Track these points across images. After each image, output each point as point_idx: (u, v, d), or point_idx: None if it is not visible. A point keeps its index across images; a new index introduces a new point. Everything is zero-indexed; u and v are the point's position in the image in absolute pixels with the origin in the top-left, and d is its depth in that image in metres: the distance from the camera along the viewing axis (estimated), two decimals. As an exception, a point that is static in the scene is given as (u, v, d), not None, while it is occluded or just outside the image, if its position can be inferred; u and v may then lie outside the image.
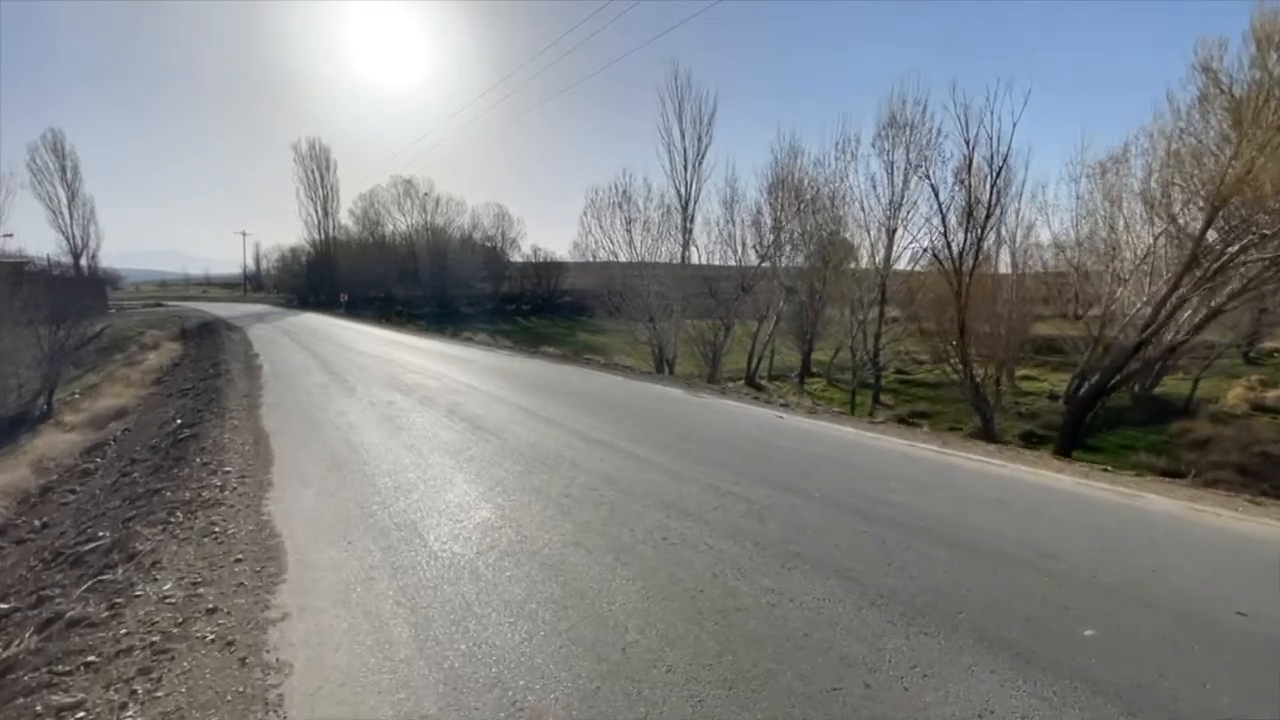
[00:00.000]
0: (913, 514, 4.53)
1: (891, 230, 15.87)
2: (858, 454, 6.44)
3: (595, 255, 24.41)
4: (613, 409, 8.72)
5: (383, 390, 10.12)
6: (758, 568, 3.63)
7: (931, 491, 5.13)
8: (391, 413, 8.29)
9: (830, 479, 5.42)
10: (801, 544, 3.97)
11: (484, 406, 8.66)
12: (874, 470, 5.77)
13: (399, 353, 16.35)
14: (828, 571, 3.59)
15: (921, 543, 3.98)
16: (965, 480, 5.55)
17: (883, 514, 4.53)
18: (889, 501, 4.80)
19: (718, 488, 5.09)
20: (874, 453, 6.49)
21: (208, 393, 11.27)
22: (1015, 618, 3.08)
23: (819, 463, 6.05)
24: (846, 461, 6.13)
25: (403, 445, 6.58)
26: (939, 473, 5.76)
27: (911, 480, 5.44)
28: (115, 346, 29.22)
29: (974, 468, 5.97)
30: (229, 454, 6.54)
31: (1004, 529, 4.27)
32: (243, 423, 8.13)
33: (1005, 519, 4.52)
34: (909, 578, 3.51)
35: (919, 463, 6.11)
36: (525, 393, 9.90)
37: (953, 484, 5.40)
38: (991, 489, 5.28)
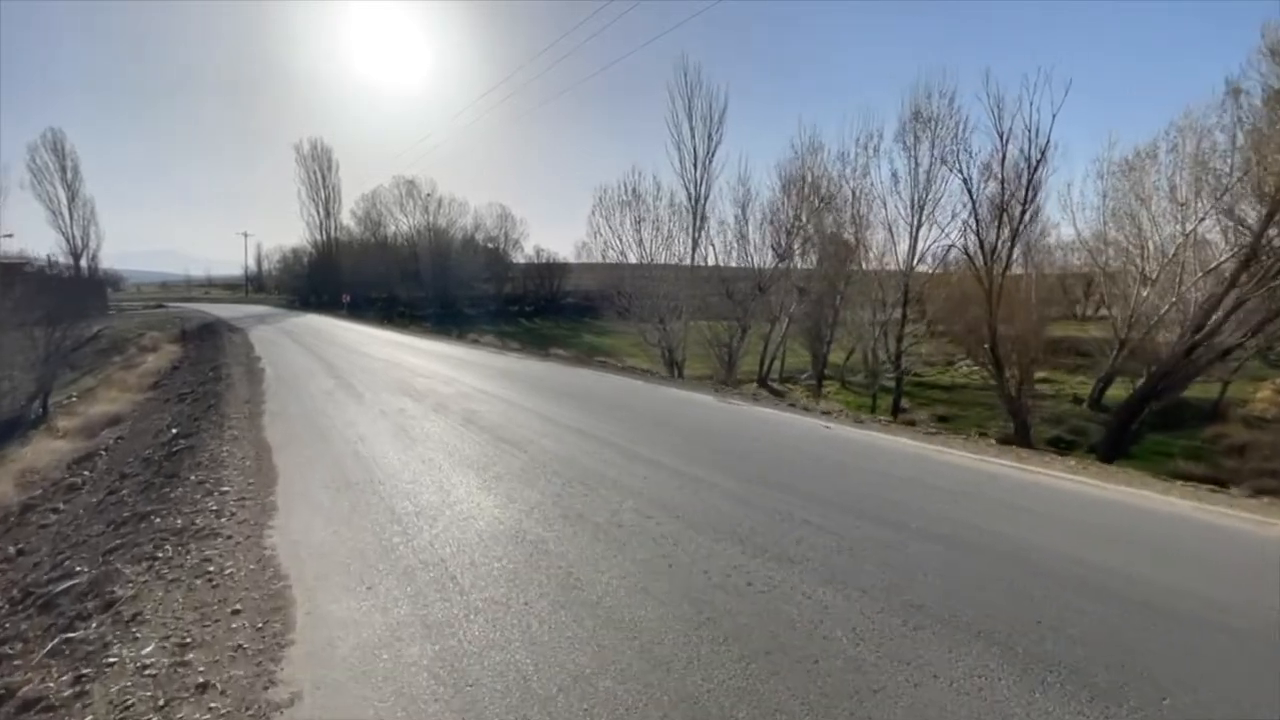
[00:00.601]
0: (1034, 551, 3.84)
1: (915, 228, 15.22)
2: (930, 472, 5.75)
3: (604, 255, 23.73)
4: (643, 417, 8.03)
5: (393, 396, 9.41)
6: (877, 627, 2.93)
7: (1042, 521, 4.43)
8: (404, 422, 7.59)
9: (915, 504, 4.72)
10: (916, 592, 3.28)
11: (503, 415, 7.96)
12: (958, 492, 5.07)
13: (406, 355, 15.64)
14: (964, 633, 2.89)
15: (1065, 592, 3.29)
16: (1070, 506, 4.85)
17: (997, 550, 3.84)
18: (997, 533, 4.10)
19: (790, 515, 4.39)
20: (948, 470, 5.79)
21: (207, 398, 10.56)
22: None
23: (892, 483, 5.35)
24: (921, 481, 5.43)
25: (420, 460, 5.88)
26: (1033, 495, 5.07)
27: (1005, 504, 4.75)
28: (114, 348, 28.47)
29: (1067, 488, 5.27)
30: (228, 470, 5.83)
31: (1153, 574, 3.57)
32: (243, 433, 7.42)
33: (1144, 559, 3.83)
34: (1074, 642, 2.81)
35: (1000, 481, 5.41)
36: (545, 398, 9.20)
37: (1057, 510, 4.71)
38: (1106, 517, 4.58)
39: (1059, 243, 19.56)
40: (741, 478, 5.33)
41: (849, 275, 15.70)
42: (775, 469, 5.66)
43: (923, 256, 15.51)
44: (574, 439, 6.63)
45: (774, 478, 5.34)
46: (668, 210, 22.67)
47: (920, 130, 14.92)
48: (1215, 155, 15.28)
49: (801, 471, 5.63)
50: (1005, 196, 12.52)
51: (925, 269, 16.19)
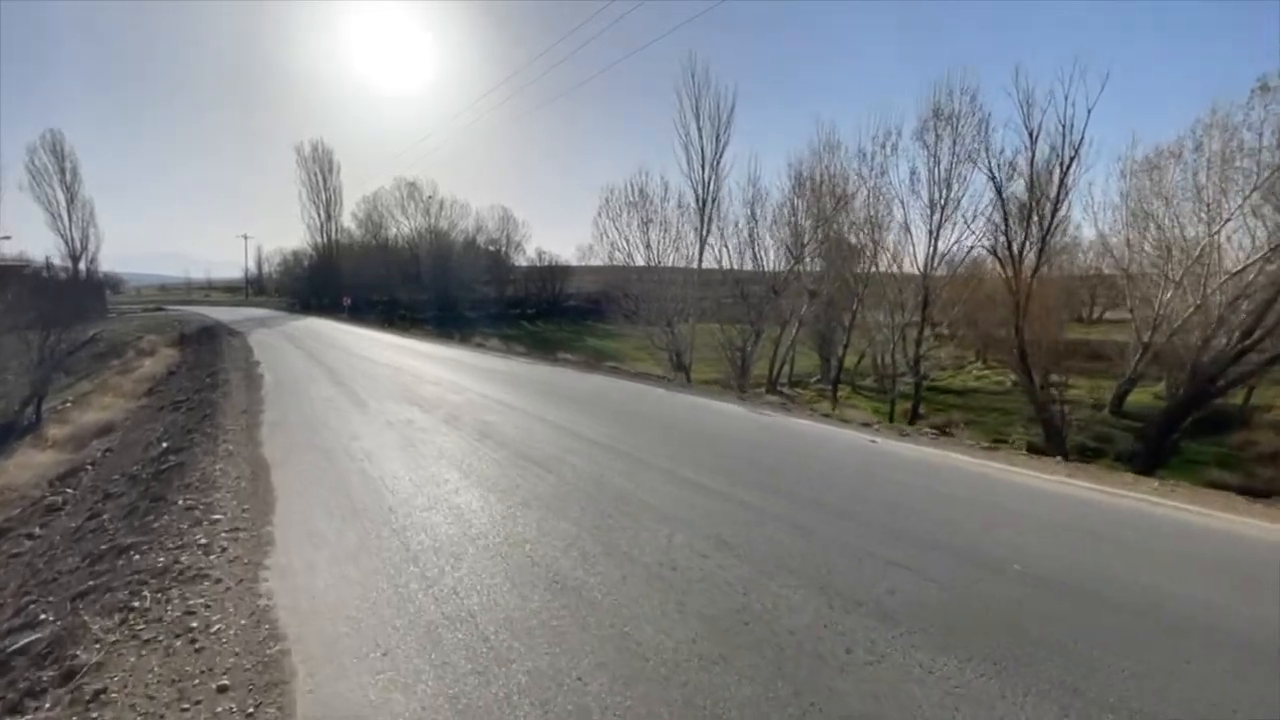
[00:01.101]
0: (1178, 603, 3.22)
1: (936, 229, 14.65)
2: (1000, 494, 5.14)
3: (611, 258, 23.08)
4: (672, 430, 7.41)
5: (398, 405, 8.78)
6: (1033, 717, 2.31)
7: (1178, 564, 3.82)
8: (413, 435, 6.96)
9: (1007, 537, 4.11)
10: (1060, 665, 2.66)
11: (521, 427, 7.33)
12: (1052, 523, 4.46)
13: (410, 360, 15.00)
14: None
15: (1242, 658, 2.67)
16: (1195, 542, 4.24)
17: (1130, 604, 3.23)
18: (1137, 584, 3.48)
19: (868, 552, 3.78)
20: (1024, 494, 5.18)
21: (202, 407, 9.92)
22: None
23: (967, 509, 4.74)
24: (996, 505, 4.82)
25: (434, 482, 5.25)
26: (1141, 527, 4.46)
27: (1116, 540, 4.14)
28: (112, 352, 27.81)
29: (1173, 517, 4.66)
30: (220, 493, 5.20)
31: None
32: (239, 448, 6.78)
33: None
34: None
35: (1095, 510, 4.80)
36: (562, 408, 8.57)
37: (1183, 548, 4.10)
38: (1231, 556, 3.98)
39: (1070, 243, 18.84)
40: (797, 502, 4.72)
41: (867, 277, 15.11)
42: (831, 491, 5.04)
43: (942, 259, 14.95)
44: (602, 456, 6.00)
45: (833, 502, 4.72)
46: (676, 211, 22.05)
47: (940, 128, 14.38)
48: (1242, 154, 14.79)
49: (861, 495, 5.01)
50: (1035, 196, 11.94)
51: (937, 271, 15.58)
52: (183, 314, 42.39)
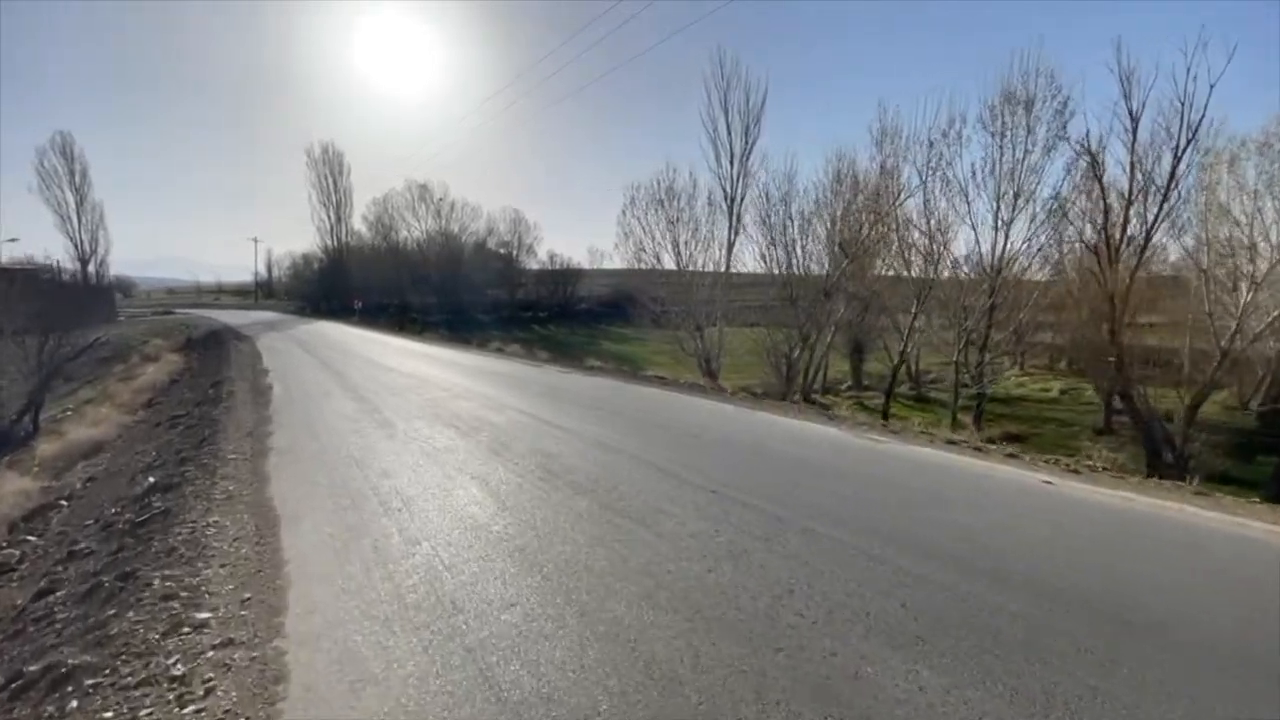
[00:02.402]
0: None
1: (1006, 225, 13.14)
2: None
3: (638, 258, 21.59)
4: (782, 466, 5.91)
5: (432, 427, 7.30)
6: None
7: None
8: (458, 471, 5.48)
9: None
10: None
11: (591, 459, 5.84)
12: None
13: (432, 368, 13.54)
14: None
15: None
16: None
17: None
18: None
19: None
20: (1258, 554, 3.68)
21: (202, 425, 8.47)
22: None
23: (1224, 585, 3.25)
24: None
25: (508, 553, 3.76)
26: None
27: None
28: (118, 356, 26.45)
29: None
30: (211, 567, 3.72)
31: None
32: (240, 487, 5.32)
33: None
34: None
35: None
36: (628, 432, 7.08)
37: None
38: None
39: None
40: (1030, 592, 3.23)
41: (931, 280, 13.64)
42: (1054, 573, 3.53)
43: (1012, 258, 13.43)
44: (719, 508, 4.50)
45: (1066, 589, 3.23)
46: (705, 209, 20.59)
47: (1010, 113, 12.90)
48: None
49: (1105, 581, 3.49)
50: (1139, 184, 10.43)
51: (1004, 271, 14.03)
52: (191, 318, 41.09)
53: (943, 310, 14.59)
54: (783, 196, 17.03)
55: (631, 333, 48.41)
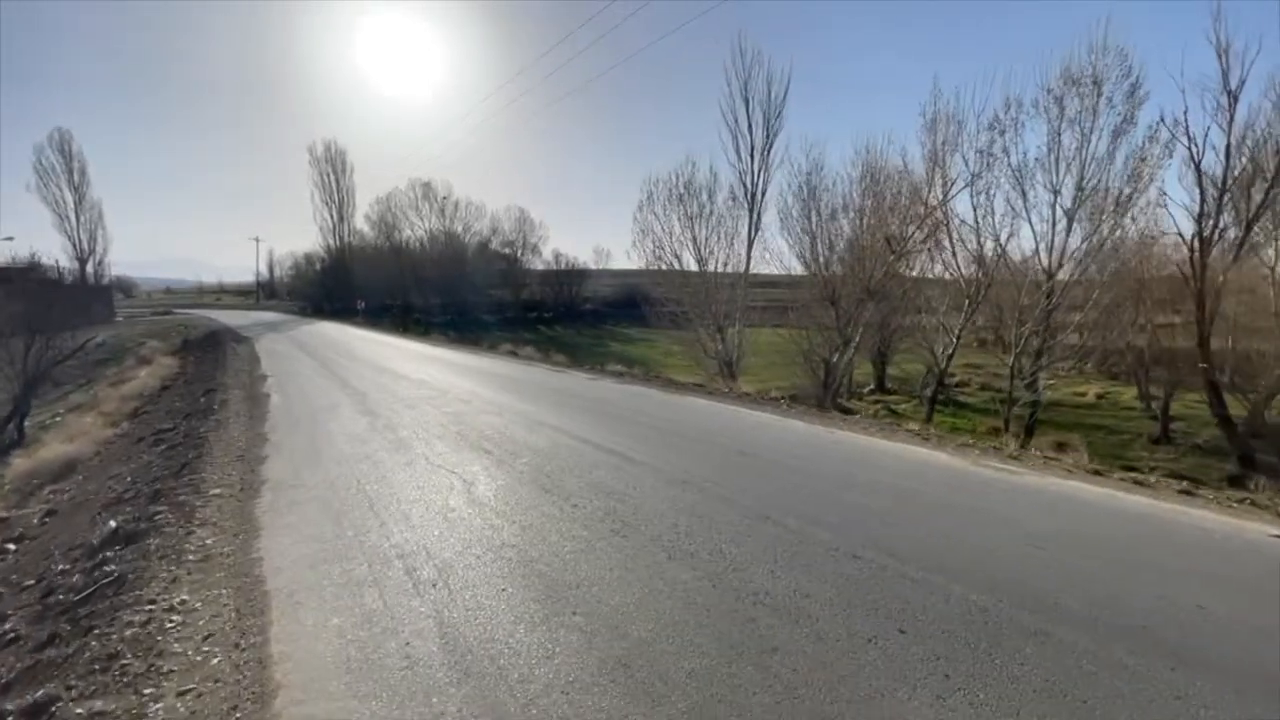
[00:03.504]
0: None
1: (1068, 219, 11.90)
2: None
3: (657, 256, 20.40)
4: (915, 508, 4.65)
5: (456, 450, 6.04)
6: None
7: None
8: (500, 516, 4.22)
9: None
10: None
11: (665, 500, 4.57)
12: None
13: (445, 374, 12.25)
14: None
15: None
16: None
17: None
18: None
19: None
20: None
21: (187, 444, 7.19)
22: None
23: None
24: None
25: (606, 675, 2.49)
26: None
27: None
28: (114, 358, 25.16)
29: None
30: (164, 697, 2.45)
31: None
32: (222, 541, 4.05)
33: None
34: None
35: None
36: (697, 459, 5.81)
37: None
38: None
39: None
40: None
41: (987, 277, 12.33)
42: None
43: (1071, 255, 12.21)
44: (887, 588, 3.23)
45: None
46: (728, 205, 19.42)
47: (1076, 95, 11.65)
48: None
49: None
50: (1237, 171, 9.19)
51: (1062, 269, 12.75)
52: (190, 318, 39.74)
53: (995, 311, 13.33)
54: (814, 190, 15.83)
55: (639, 333, 47.08)
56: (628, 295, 54.71)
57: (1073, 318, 12.82)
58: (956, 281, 13.70)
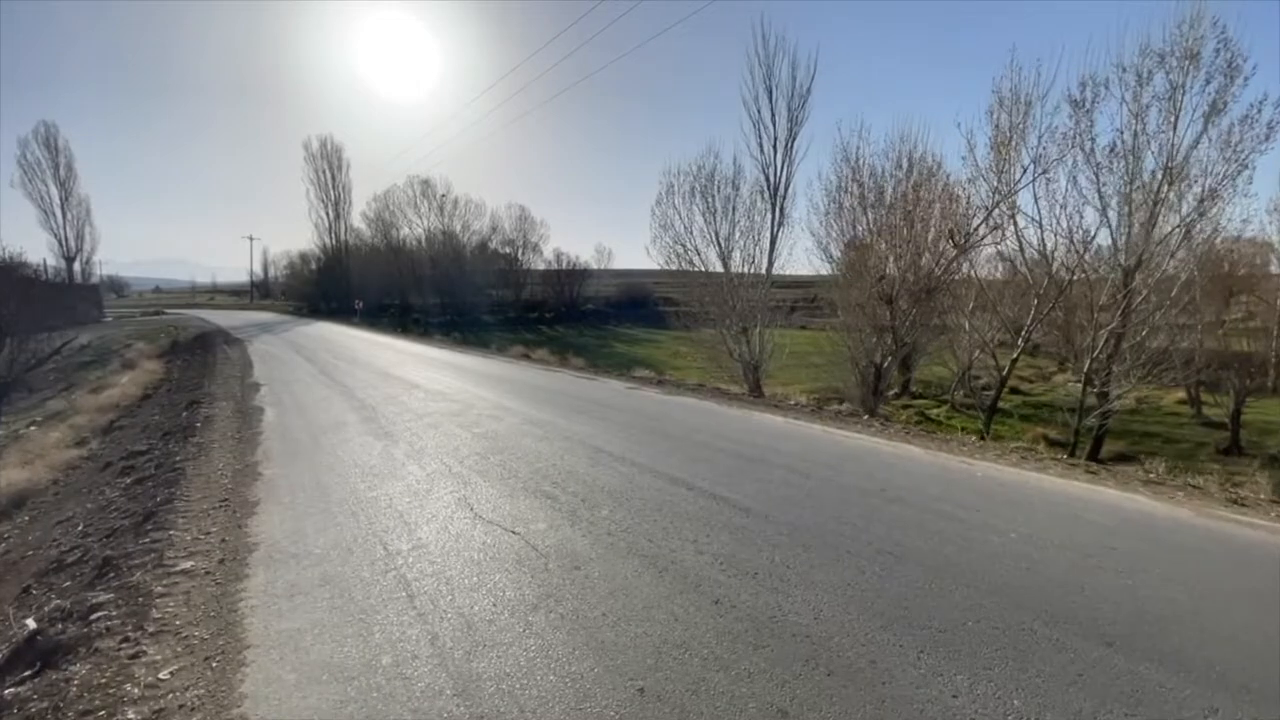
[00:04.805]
0: None
1: (1154, 204, 10.58)
2: None
3: (677, 253, 18.94)
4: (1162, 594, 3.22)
5: (507, 494, 4.55)
6: None
7: None
8: (611, 625, 2.74)
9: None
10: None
11: (837, 582, 3.12)
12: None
13: (463, 382, 10.71)
14: None
15: None
16: None
17: None
18: None
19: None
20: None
21: (159, 479, 5.65)
22: None
23: None
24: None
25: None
26: None
27: None
28: (99, 360, 23.35)
29: None
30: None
31: None
32: (183, 676, 2.53)
33: None
34: None
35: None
36: (833, 507, 4.37)
37: None
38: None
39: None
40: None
41: (1070, 278, 10.96)
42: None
43: (1154, 249, 10.92)
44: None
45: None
46: (754, 197, 18.04)
47: (1159, 73, 10.35)
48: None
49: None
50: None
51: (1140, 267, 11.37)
52: (182, 319, 37.78)
53: (1070, 312, 11.97)
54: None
55: (642, 333, 45.63)
56: (630, 295, 53.24)
57: (1152, 318, 11.48)
58: (1021, 278, 12.35)
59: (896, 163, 14.35)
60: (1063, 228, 11.13)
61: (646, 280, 52.59)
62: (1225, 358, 12.88)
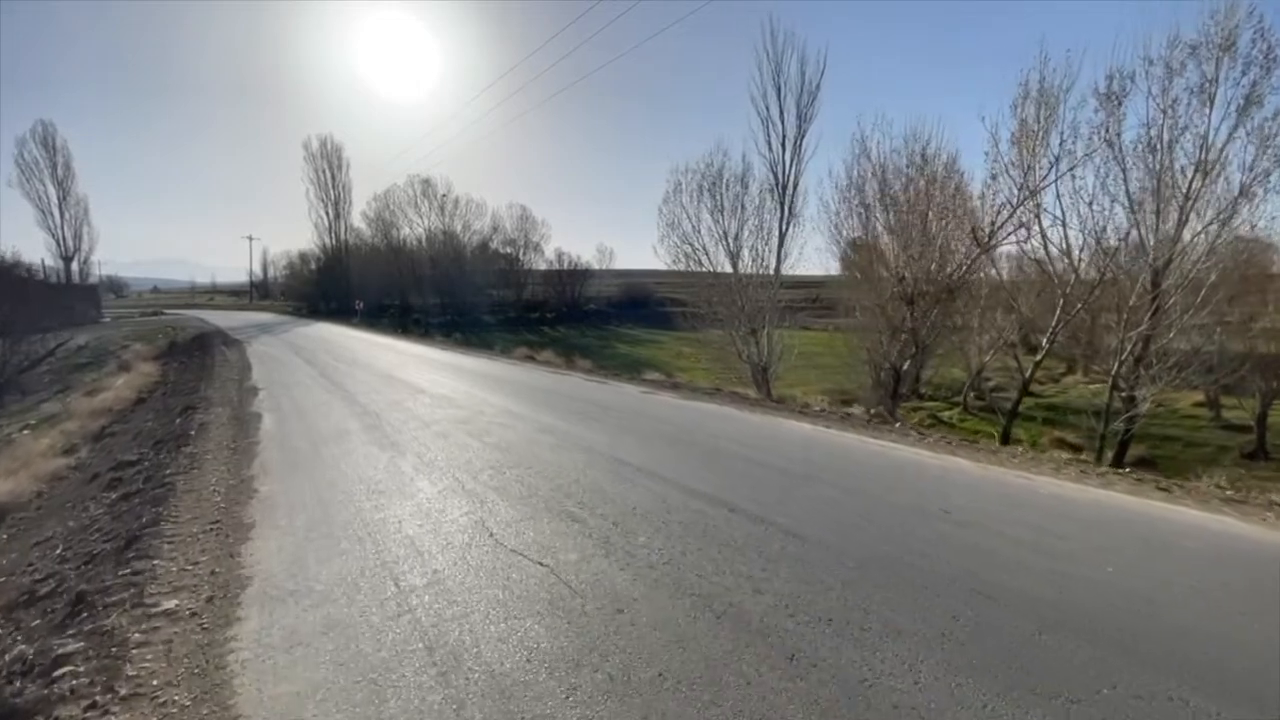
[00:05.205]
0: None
1: (1186, 202, 10.14)
2: None
3: (685, 253, 18.54)
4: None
5: (528, 515, 4.09)
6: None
7: None
8: (669, 689, 2.27)
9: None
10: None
11: (920, 629, 2.65)
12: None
13: (465, 386, 10.24)
14: None
15: None
16: None
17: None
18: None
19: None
20: None
21: (147, 496, 5.19)
22: None
23: None
24: None
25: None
26: None
27: None
28: (96, 362, 22.82)
29: None
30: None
31: None
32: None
33: None
34: None
35: None
36: (887, 529, 3.91)
37: None
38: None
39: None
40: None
41: (1101, 273, 10.51)
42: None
43: (1186, 247, 10.49)
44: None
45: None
46: (764, 195, 17.68)
47: (1191, 65, 9.93)
48: None
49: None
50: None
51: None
52: (180, 319, 37.22)
53: (1094, 313, 11.52)
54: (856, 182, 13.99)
55: (644, 333, 45.14)
56: (631, 295, 52.76)
57: (1181, 320, 11.04)
58: (1036, 277, 11.91)
59: (909, 160, 13.98)
60: (1090, 226, 10.67)
61: (647, 280, 52.16)
62: (1255, 360, 12.45)
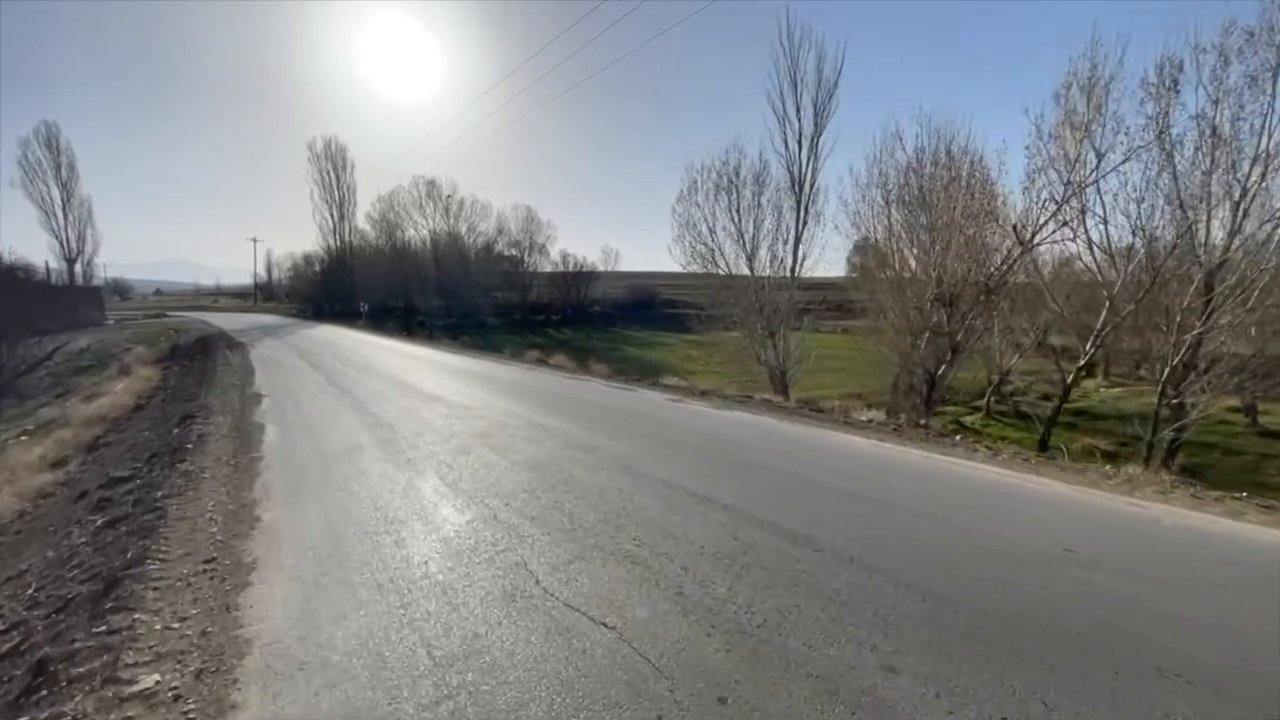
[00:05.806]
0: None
1: (1243, 196, 9.49)
2: None
3: (697, 253, 17.98)
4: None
5: (577, 554, 3.45)
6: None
7: None
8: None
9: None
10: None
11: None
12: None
13: (481, 392, 9.59)
14: None
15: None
16: None
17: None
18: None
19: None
20: None
21: (135, 524, 4.54)
22: None
23: None
24: None
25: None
26: None
27: None
28: (97, 365, 22.20)
29: None
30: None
31: None
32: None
33: None
34: None
35: None
36: (1000, 575, 3.26)
37: None
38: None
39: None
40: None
41: (1153, 273, 9.82)
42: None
43: (1240, 246, 9.84)
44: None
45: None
46: (781, 194, 17.13)
47: (1248, 52, 9.29)
48: None
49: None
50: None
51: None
52: (184, 321, 36.60)
53: (1149, 314, 10.83)
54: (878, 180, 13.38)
55: (651, 335, 44.49)
56: (636, 297, 52.11)
57: (1240, 322, 10.37)
58: (1079, 278, 11.27)
59: (934, 157, 13.36)
60: (1139, 224, 10.01)
61: (652, 282, 51.55)
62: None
